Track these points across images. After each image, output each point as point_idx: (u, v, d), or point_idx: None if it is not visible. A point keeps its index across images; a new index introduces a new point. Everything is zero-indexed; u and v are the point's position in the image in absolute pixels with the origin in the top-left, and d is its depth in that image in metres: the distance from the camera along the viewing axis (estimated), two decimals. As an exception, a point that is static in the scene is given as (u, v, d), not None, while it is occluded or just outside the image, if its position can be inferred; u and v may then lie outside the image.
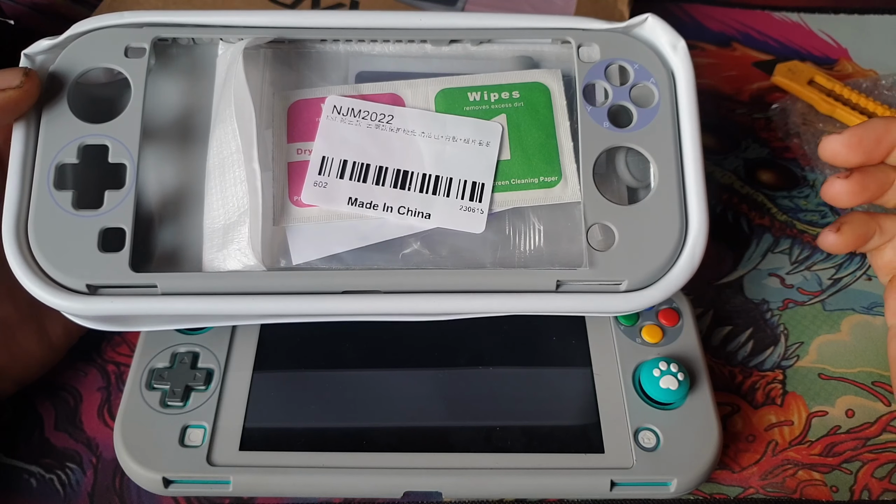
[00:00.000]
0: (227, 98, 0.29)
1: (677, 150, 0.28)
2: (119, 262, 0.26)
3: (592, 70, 0.29)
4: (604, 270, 0.27)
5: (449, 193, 0.28)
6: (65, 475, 0.31)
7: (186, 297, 0.26)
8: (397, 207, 0.28)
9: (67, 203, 0.27)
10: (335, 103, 0.29)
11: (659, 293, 0.27)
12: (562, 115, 0.30)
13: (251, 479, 0.28)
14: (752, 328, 0.36)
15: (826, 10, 0.50)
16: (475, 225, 0.28)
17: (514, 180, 0.29)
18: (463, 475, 0.28)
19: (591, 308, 0.28)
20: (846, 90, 0.43)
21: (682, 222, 0.28)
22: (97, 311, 0.26)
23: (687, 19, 0.49)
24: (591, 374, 0.31)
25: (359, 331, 0.32)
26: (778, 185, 0.41)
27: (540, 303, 0.27)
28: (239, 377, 0.30)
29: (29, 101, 0.27)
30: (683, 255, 0.27)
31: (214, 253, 0.28)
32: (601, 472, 0.28)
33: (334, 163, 0.28)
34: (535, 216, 0.29)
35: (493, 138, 0.29)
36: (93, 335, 0.34)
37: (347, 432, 0.29)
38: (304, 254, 0.28)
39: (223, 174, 0.28)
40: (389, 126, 0.29)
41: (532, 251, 0.29)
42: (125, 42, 0.28)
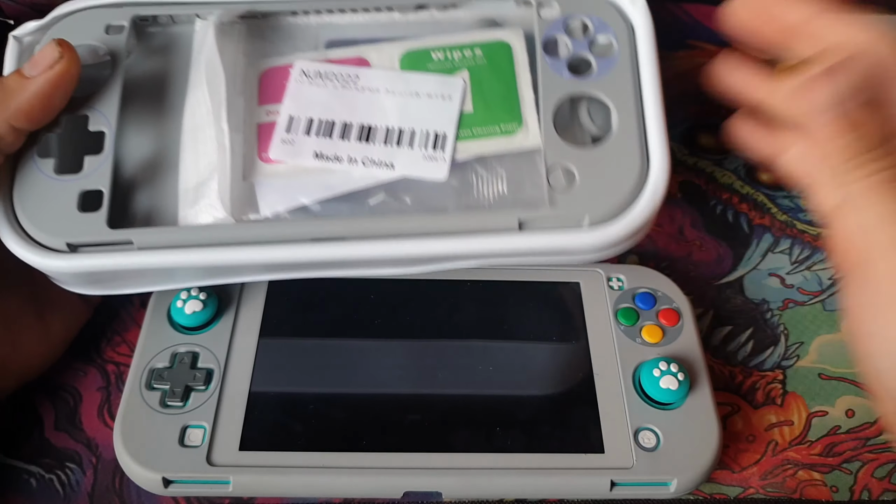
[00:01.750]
0: (199, 64, 0.30)
1: (637, 96, 0.29)
2: (97, 221, 0.27)
3: (552, 25, 0.30)
4: (565, 208, 0.28)
5: (412, 144, 0.29)
6: (65, 475, 0.31)
7: (161, 251, 0.28)
8: (362, 159, 0.29)
9: (49, 169, 0.28)
10: (303, 67, 0.31)
11: (622, 228, 0.28)
12: (523, 69, 0.30)
13: (251, 479, 0.28)
14: (752, 328, 0.36)
15: (826, 10, 0.50)
16: (438, 172, 0.29)
17: (476, 130, 0.30)
18: (463, 475, 0.28)
19: (554, 245, 0.28)
20: (846, 90, 0.43)
21: (642, 161, 0.28)
22: (77, 267, 0.28)
23: (687, 19, 0.49)
24: (591, 375, 0.31)
25: (359, 331, 0.32)
26: (778, 184, 0.41)
27: (503, 243, 0.28)
28: (239, 377, 0.30)
29: (76, 67, 0.28)
30: (646, 191, 0.28)
31: (188, 209, 0.29)
32: (601, 472, 0.28)
33: (301, 121, 0.30)
34: (498, 164, 0.30)
35: (455, 91, 0.30)
36: (92, 335, 0.34)
37: (347, 432, 0.29)
38: (272, 206, 0.29)
39: (195, 136, 0.30)
40: (355, 85, 0.30)
41: (496, 198, 0.29)
42: (106, 21, 0.30)
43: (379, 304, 0.33)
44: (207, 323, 0.32)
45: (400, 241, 0.28)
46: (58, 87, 0.28)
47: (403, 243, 0.28)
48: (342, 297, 0.33)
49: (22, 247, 0.28)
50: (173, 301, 0.31)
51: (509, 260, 0.29)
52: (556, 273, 0.34)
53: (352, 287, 0.33)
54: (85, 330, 0.34)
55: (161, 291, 0.33)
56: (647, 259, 0.38)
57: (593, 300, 0.33)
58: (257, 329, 0.32)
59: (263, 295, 0.33)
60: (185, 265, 0.28)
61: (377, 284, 0.34)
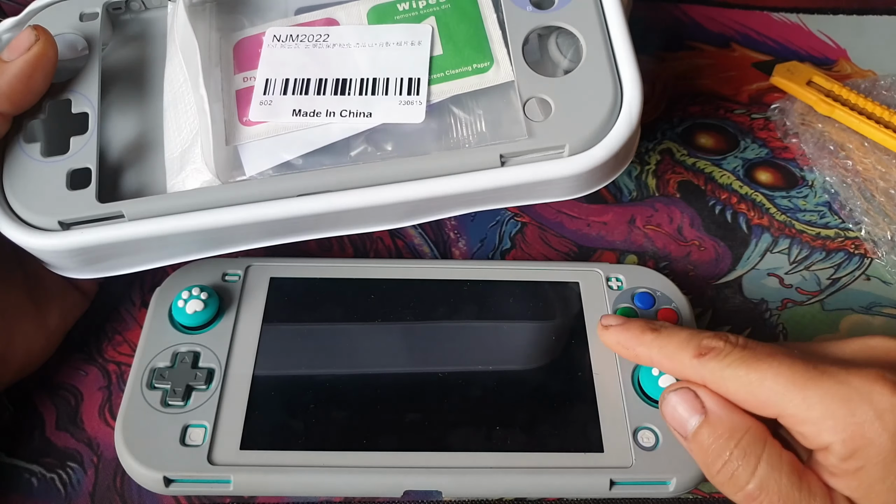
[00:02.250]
0: (173, 40, 0.31)
1: (602, 22, 0.30)
2: (87, 197, 0.28)
3: None
4: (544, 138, 0.28)
5: (387, 92, 0.30)
6: (66, 474, 0.31)
7: (152, 220, 0.28)
8: (339, 111, 0.30)
9: (36, 153, 0.29)
10: (275, 33, 0.32)
11: (602, 152, 0.28)
12: (488, 10, 0.31)
13: (252, 479, 0.28)
14: (750, 328, 0.36)
15: (825, 11, 0.50)
16: (415, 116, 0.30)
17: (448, 71, 0.30)
18: (463, 474, 0.28)
19: (537, 176, 0.28)
20: (845, 91, 0.43)
21: (615, 85, 0.29)
22: (70, 245, 0.28)
23: (686, 20, 0.49)
24: (590, 374, 0.31)
25: (359, 330, 0.32)
26: (777, 185, 0.41)
27: (487, 179, 0.28)
28: (240, 376, 0.30)
29: (53, 48, 0.29)
30: (621, 114, 0.28)
31: (175, 178, 0.30)
32: (600, 472, 0.29)
33: (277, 82, 0.31)
34: (475, 102, 0.30)
35: (423, 37, 0.31)
36: (94, 334, 0.34)
37: (348, 431, 0.29)
38: (256, 165, 0.30)
39: (176, 107, 0.30)
40: (326, 43, 0.31)
41: (475, 136, 0.30)
42: (79, 9, 0.31)
43: (379, 304, 0.33)
44: (208, 322, 0.32)
45: (385, 188, 0.28)
46: (36, 67, 0.28)
47: (388, 189, 0.28)
48: (343, 296, 0.33)
49: (15, 229, 0.28)
50: (174, 300, 0.32)
51: (495, 198, 0.29)
52: (555, 273, 0.34)
53: (353, 287, 0.34)
54: (86, 329, 0.34)
55: (162, 291, 0.33)
56: (646, 259, 0.38)
57: (592, 300, 0.34)
58: (258, 329, 0.32)
59: (264, 294, 0.33)
60: (176, 231, 0.28)
61: (378, 285, 0.34)
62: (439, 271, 0.34)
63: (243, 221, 0.28)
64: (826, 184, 0.41)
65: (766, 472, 0.24)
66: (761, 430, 0.24)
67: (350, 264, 0.34)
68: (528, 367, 0.32)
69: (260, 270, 0.34)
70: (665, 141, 0.43)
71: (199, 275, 0.33)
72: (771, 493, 0.23)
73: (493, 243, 0.38)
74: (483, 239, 0.38)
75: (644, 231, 0.39)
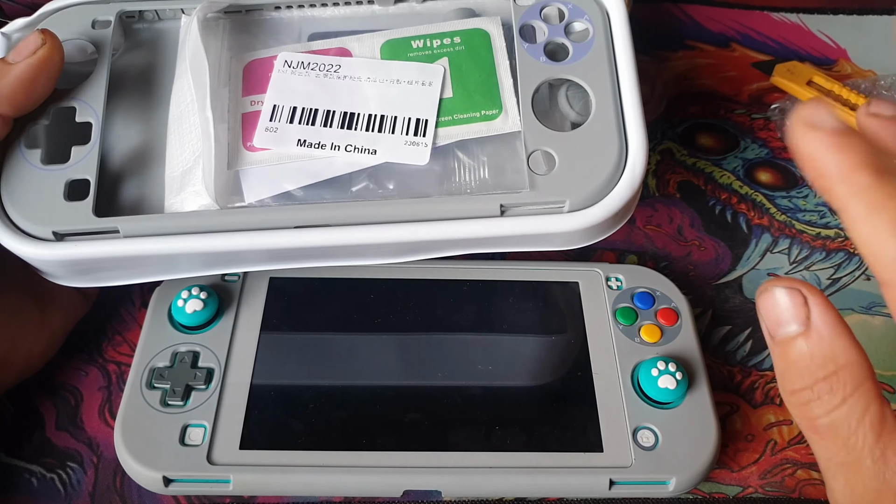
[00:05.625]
0: (184, 57, 0.31)
1: (613, 80, 0.30)
2: (83, 210, 0.28)
3: (528, 12, 0.31)
4: (546, 192, 0.28)
5: (394, 130, 0.30)
6: (66, 475, 0.31)
7: (147, 239, 0.28)
8: (345, 146, 0.29)
9: (36, 159, 0.29)
10: (286, 58, 0.31)
11: (603, 211, 0.28)
12: (501, 56, 0.31)
13: (251, 478, 0.28)
14: (750, 328, 0.36)
15: (825, 11, 0.50)
16: (420, 158, 0.29)
17: (456, 115, 0.30)
18: (462, 474, 0.28)
19: (535, 229, 0.28)
20: (845, 90, 0.43)
21: (621, 144, 0.28)
22: (63, 256, 0.28)
23: (686, 20, 0.49)
24: (589, 374, 0.31)
25: (359, 330, 0.32)
26: (777, 185, 0.41)
27: (485, 227, 0.28)
28: (239, 376, 0.30)
29: (59, 53, 0.28)
30: (625, 173, 0.28)
31: (174, 198, 0.29)
32: (600, 471, 0.29)
33: (284, 109, 0.30)
34: (479, 148, 0.30)
35: (435, 78, 0.30)
36: (94, 334, 0.34)
37: (347, 431, 0.29)
38: (256, 192, 0.29)
39: (180, 125, 0.30)
40: (337, 74, 0.31)
41: (477, 183, 0.30)
42: (92, 16, 0.31)
43: (379, 303, 0.33)
44: (208, 322, 0.32)
45: (383, 227, 0.28)
46: (40, 71, 0.28)
47: (386, 229, 0.28)
48: (342, 296, 0.33)
49: (9, 236, 0.28)
50: (174, 300, 0.32)
51: (492, 246, 0.29)
52: (555, 273, 0.34)
53: (352, 286, 0.34)
54: (86, 329, 0.34)
55: (162, 290, 0.33)
56: (646, 259, 0.38)
57: (592, 300, 0.33)
58: (258, 328, 0.32)
59: (264, 294, 0.33)
60: (170, 253, 0.28)
61: (377, 284, 0.34)
62: (439, 271, 0.34)
63: (238, 248, 0.28)
64: (826, 184, 0.41)
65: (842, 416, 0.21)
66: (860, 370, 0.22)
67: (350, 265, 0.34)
68: (527, 368, 0.32)
69: (260, 271, 0.34)
70: (665, 141, 0.43)
71: (199, 275, 0.33)
72: (837, 438, 0.21)
73: (493, 243, 0.38)
74: (483, 239, 0.38)
75: (644, 231, 0.39)
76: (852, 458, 0.21)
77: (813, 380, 0.21)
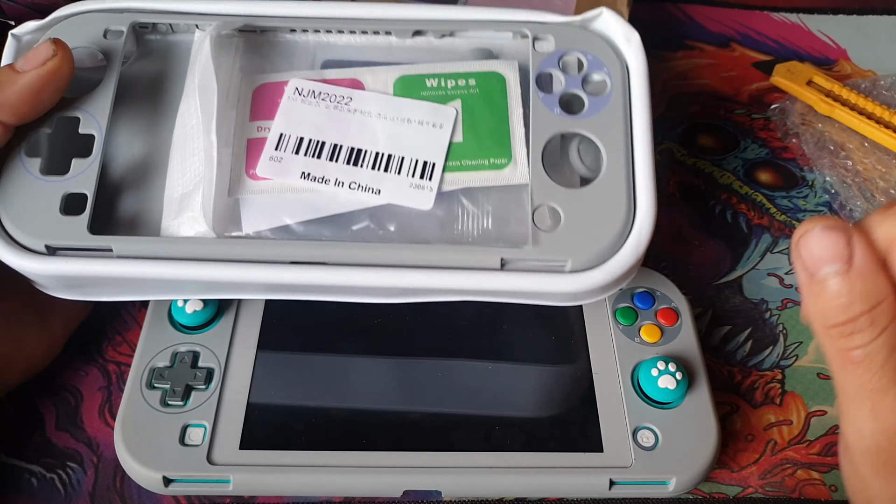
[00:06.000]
0: (194, 76, 0.30)
1: (628, 138, 0.29)
2: (78, 225, 0.27)
3: (546, 60, 0.30)
4: (548, 249, 0.27)
5: (400, 171, 0.29)
6: (66, 475, 0.31)
7: (139, 261, 0.27)
8: (349, 183, 0.29)
9: (35, 169, 0.28)
10: (297, 85, 0.30)
11: (604, 275, 0.27)
12: (516, 102, 0.30)
13: (251, 478, 0.28)
14: (750, 328, 0.36)
15: (825, 11, 0.50)
16: (424, 202, 0.29)
17: (464, 161, 0.29)
18: (462, 474, 0.28)
19: (534, 287, 0.27)
20: (845, 91, 0.43)
21: (629, 207, 0.28)
22: (53, 271, 0.27)
23: (686, 20, 0.49)
24: (590, 374, 0.31)
25: (358, 330, 0.32)
26: (777, 185, 0.41)
27: (484, 280, 0.27)
28: (239, 376, 0.30)
29: (69, 66, 0.28)
30: (630, 239, 0.28)
31: (171, 220, 0.29)
32: (600, 471, 0.29)
33: (291, 139, 0.29)
34: (485, 197, 0.29)
35: (446, 121, 0.30)
36: (94, 334, 0.34)
37: (347, 431, 0.29)
38: (254, 223, 0.28)
39: (184, 146, 0.29)
40: (348, 107, 0.30)
41: (480, 232, 0.29)
42: (105, 25, 0.30)
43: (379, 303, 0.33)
44: (208, 322, 0.32)
45: (379, 271, 0.27)
46: (47, 83, 0.27)
47: (383, 273, 0.27)
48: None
49: (0, 246, 0.27)
50: (174, 301, 0.32)
51: (489, 297, 0.29)
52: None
53: (352, 287, 0.34)
54: (86, 330, 0.34)
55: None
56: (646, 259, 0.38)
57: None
58: (258, 328, 0.32)
59: (264, 295, 0.33)
60: (161, 278, 0.27)
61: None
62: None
63: (231, 279, 0.27)
64: (826, 184, 0.41)
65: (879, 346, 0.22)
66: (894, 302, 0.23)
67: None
68: (527, 367, 0.32)
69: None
70: (665, 141, 0.43)
71: (199, 275, 0.33)
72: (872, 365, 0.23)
73: (493, 243, 0.38)
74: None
75: (644, 231, 0.39)
76: (883, 383, 0.22)
77: (856, 313, 0.23)
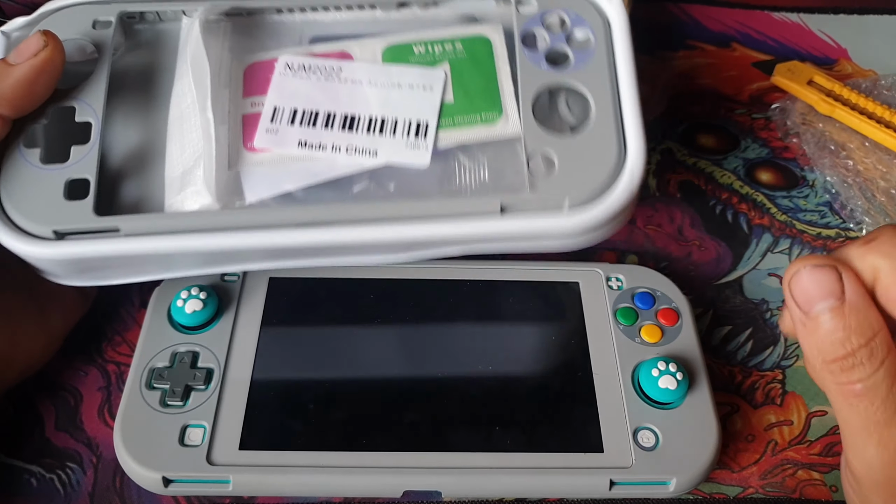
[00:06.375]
0: (184, 58, 0.31)
1: (613, 87, 0.30)
2: (84, 209, 0.28)
3: (530, 21, 0.31)
4: (545, 192, 0.28)
5: (395, 132, 0.30)
6: (65, 475, 0.31)
7: (148, 237, 0.28)
8: (346, 147, 0.30)
9: (35, 159, 0.29)
10: (287, 61, 0.31)
11: (601, 211, 0.28)
12: (502, 62, 0.31)
13: (251, 479, 0.28)
14: (751, 328, 0.36)
15: (825, 11, 0.50)
16: (421, 159, 0.30)
17: (457, 119, 0.30)
18: (462, 474, 0.28)
19: (535, 229, 0.28)
20: (846, 90, 0.43)
21: (619, 147, 0.29)
22: (64, 254, 0.28)
23: (686, 19, 0.49)
24: (590, 374, 0.31)
25: (359, 330, 0.32)
26: (777, 184, 0.41)
27: (486, 226, 0.28)
28: (239, 376, 0.30)
29: (61, 55, 0.28)
30: (624, 175, 0.29)
31: (174, 198, 0.29)
32: (600, 472, 0.28)
33: (285, 111, 0.30)
34: (480, 152, 0.30)
35: (436, 83, 0.31)
36: (93, 334, 0.34)
37: (347, 432, 0.29)
38: (257, 192, 0.29)
39: (181, 125, 0.30)
40: (338, 78, 0.31)
41: (478, 185, 0.30)
42: (93, 16, 0.31)
43: (378, 304, 0.33)
44: (207, 322, 0.32)
45: (383, 226, 0.28)
46: (41, 73, 0.28)
47: (386, 228, 0.28)
48: (342, 296, 0.33)
49: (9, 235, 0.28)
50: (173, 300, 0.32)
51: (491, 245, 0.29)
52: (555, 273, 0.34)
53: (351, 286, 0.34)
54: (86, 330, 0.34)
55: (161, 291, 0.33)
56: (647, 259, 0.38)
57: (592, 300, 0.33)
58: (257, 328, 0.32)
59: (263, 294, 0.33)
60: (171, 251, 0.28)
61: (377, 284, 0.34)
62: (439, 271, 0.34)
63: (239, 247, 0.28)
64: (827, 184, 0.41)
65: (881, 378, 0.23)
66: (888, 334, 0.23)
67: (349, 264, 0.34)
68: (528, 368, 0.32)
69: (259, 270, 0.34)
70: (665, 141, 0.43)
71: (199, 275, 0.33)
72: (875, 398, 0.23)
73: (493, 243, 0.38)
74: (483, 239, 0.38)
75: (644, 231, 0.39)
76: (888, 416, 0.23)
77: (854, 346, 0.23)
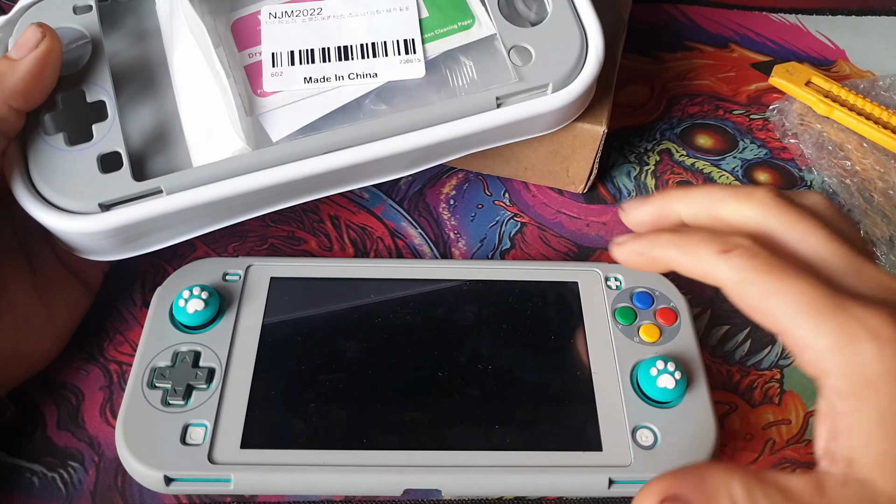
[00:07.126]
0: (176, 25, 0.32)
1: None
2: (122, 178, 0.29)
3: None
4: (531, 79, 0.33)
5: (387, 53, 0.34)
6: (67, 474, 0.31)
7: (190, 191, 0.29)
8: (347, 75, 0.33)
9: (60, 143, 0.30)
10: (270, 11, 0.34)
11: (579, 86, 0.33)
12: None
13: (252, 477, 0.28)
14: (749, 327, 0.36)
15: (823, 12, 0.50)
16: (416, 72, 0.34)
17: (437, 31, 0.35)
18: (462, 473, 0.29)
19: (529, 112, 0.33)
20: (843, 91, 0.43)
21: (581, 32, 0.34)
22: (113, 223, 0.29)
23: (685, 21, 0.50)
24: (589, 373, 0.31)
25: (359, 330, 0.32)
26: (776, 185, 0.41)
27: (486, 119, 0.32)
28: (240, 376, 0.31)
29: (59, 44, 0.30)
30: (589, 54, 0.34)
31: (201, 154, 0.31)
32: (599, 470, 0.29)
33: (283, 55, 0.33)
34: (464, 55, 0.35)
35: (409, 3, 0.35)
36: (95, 334, 0.34)
37: (348, 430, 0.29)
38: (280, 131, 0.32)
39: (188, 88, 0.32)
40: (321, 16, 0.34)
41: (470, 83, 0.34)
42: (71, 3, 0.32)
43: (379, 303, 0.33)
44: (209, 322, 0.32)
45: (399, 138, 0.31)
46: (46, 63, 0.29)
47: (403, 139, 0.31)
48: (343, 296, 0.33)
49: (55, 217, 0.28)
50: (175, 300, 0.32)
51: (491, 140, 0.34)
52: (554, 272, 0.35)
53: (352, 286, 0.34)
54: (87, 329, 0.34)
55: (163, 290, 0.33)
56: (646, 259, 0.38)
57: (591, 299, 0.34)
58: (258, 328, 0.32)
59: (265, 294, 0.33)
60: (214, 199, 0.30)
61: (377, 284, 0.34)
62: (439, 271, 0.34)
63: (276, 182, 0.30)
64: (825, 184, 0.41)
65: None
66: None
67: (350, 264, 0.35)
68: (527, 367, 0.32)
69: (260, 270, 0.34)
70: (664, 141, 0.43)
71: (200, 274, 0.33)
72: None
73: (493, 243, 0.38)
74: (483, 239, 0.38)
75: (643, 231, 0.39)
76: None
77: None
